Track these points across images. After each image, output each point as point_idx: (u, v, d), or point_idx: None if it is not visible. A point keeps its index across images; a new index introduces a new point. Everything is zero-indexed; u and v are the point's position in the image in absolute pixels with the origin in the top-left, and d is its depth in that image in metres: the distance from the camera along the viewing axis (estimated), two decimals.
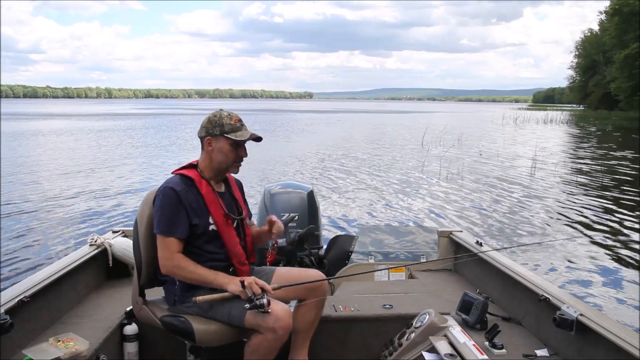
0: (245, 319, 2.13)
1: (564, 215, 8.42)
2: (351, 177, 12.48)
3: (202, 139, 2.32)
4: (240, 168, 2.38)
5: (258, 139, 2.33)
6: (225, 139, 2.26)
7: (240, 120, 2.31)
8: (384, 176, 12.86)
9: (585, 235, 7.09)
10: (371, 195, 10.32)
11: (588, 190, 10.94)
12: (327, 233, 5.51)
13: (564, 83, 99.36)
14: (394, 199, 10.00)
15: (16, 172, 12.83)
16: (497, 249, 2.92)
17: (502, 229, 7.61)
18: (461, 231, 3.69)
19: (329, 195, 10.06)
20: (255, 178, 11.33)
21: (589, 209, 8.96)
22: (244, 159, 2.37)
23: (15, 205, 8.87)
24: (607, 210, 8.97)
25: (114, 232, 3.43)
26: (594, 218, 8.32)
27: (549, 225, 7.85)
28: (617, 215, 8.62)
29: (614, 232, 7.53)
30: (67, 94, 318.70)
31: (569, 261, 6.08)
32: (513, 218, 8.35)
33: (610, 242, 6.99)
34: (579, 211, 8.79)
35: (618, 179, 12.59)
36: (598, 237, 7.26)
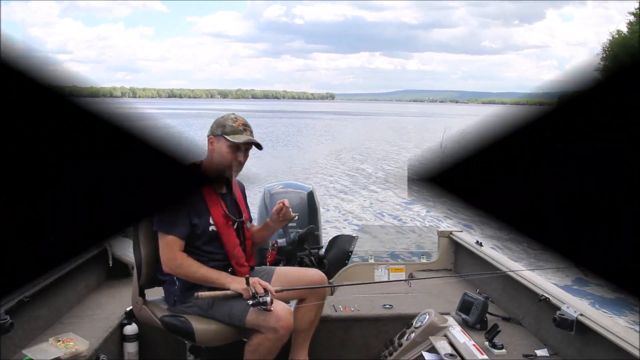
0: (246, 319, 2.13)
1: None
2: (353, 178, 12.48)
3: (207, 138, 2.33)
4: (239, 172, 2.32)
5: (258, 145, 2.28)
6: (225, 140, 2.24)
7: (245, 125, 2.27)
8: (388, 176, 12.83)
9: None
10: (372, 195, 10.32)
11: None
12: (327, 233, 5.50)
13: None
14: (395, 199, 9.99)
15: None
16: (501, 272, 2.89)
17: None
18: (461, 231, 3.69)
19: (330, 195, 10.06)
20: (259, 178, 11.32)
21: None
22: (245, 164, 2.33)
23: None
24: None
25: None
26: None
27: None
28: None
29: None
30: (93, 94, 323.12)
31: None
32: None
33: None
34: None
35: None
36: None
